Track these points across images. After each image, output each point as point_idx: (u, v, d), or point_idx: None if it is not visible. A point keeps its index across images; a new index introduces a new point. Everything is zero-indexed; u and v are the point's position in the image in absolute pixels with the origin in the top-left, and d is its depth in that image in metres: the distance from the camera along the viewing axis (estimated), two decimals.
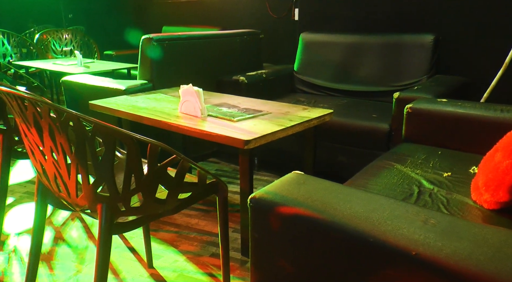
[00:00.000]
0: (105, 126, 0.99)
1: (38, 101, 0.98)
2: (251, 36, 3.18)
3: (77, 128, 1.01)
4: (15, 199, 2.46)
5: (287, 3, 3.78)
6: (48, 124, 1.04)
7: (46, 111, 1.01)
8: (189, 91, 1.92)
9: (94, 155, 1.04)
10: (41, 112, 1.03)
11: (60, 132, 1.03)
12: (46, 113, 1.02)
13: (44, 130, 1.06)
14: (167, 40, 2.54)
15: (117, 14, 5.56)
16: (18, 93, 0.99)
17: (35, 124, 1.08)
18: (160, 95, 2.34)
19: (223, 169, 2.88)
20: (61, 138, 1.04)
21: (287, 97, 3.07)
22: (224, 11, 4.37)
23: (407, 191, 1.42)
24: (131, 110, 2.03)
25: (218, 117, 1.89)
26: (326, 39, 3.16)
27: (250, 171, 1.73)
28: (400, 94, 2.23)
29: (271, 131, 1.68)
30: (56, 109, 0.98)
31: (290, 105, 2.13)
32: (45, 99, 1.23)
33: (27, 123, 1.10)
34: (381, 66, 2.89)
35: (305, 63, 3.24)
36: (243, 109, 2.02)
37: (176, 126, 1.80)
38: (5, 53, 4.51)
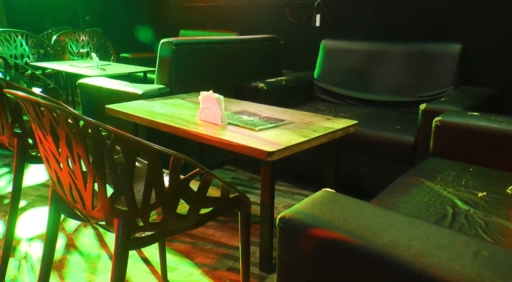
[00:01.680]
0: (126, 136, 0.92)
1: (56, 108, 0.91)
2: (272, 42, 3.11)
3: (95, 138, 0.94)
4: (28, 202, 2.42)
5: (308, 9, 3.71)
6: (65, 133, 0.98)
7: (63, 119, 0.94)
8: (209, 98, 1.85)
9: (113, 166, 0.97)
10: (58, 119, 0.97)
11: (78, 141, 0.96)
12: (63, 121, 0.95)
13: (60, 139, 1.00)
14: (186, 44, 2.48)
15: (134, 16, 5.54)
16: (36, 100, 0.93)
17: (52, 131, 1.01)
18: (178, 101, 2.28)
19: (240, 177, 2.80)
20: (79, 147, 0.98)
21: (307, 105, 2.99)
22: (243, 16, 4.32)
23: (441, 211, 1.33)
24: (148, 116, 1.97)
25: (239, 126, 1.81)
26: (347, 46, 3.08)
27: (272, 183, 1.66)
28: (427, 105, 2.14)
29: (295, 142, 1.60)
30: (74, 117, 0.92)
31: (313, 115, 2.05)
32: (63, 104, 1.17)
33: (43, 130, 1.04)
34: (405, 76, 2.80)
35: (325, 70, 3.16)
36: (264, 117, 1.95)
37: (195, 134, 1.73)
38: (22, 53, 4.51)
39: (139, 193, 1.43)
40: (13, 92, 0.99)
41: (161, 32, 5.23)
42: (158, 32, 5.28)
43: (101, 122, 0.93)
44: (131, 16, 5.61)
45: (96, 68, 3.59)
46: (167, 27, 5.17)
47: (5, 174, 2.82)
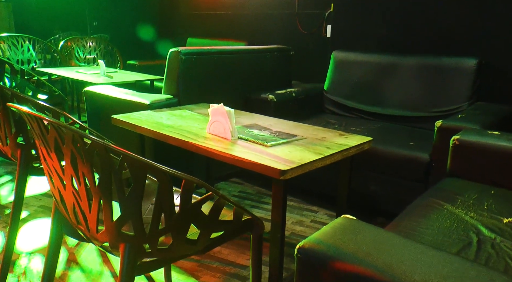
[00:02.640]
0: (135, 158, 0.86)
1: (61, 126, 0.85)
2: (282, 52, 3.06)
3: (103, 159, 0.88)
4: (30, 213, 2.35)
5: (318, 19, 3.66)
6: (70, 151, 0.91)
7: (69, 137, 0.88)
8: (219, 111, 1.79)
9: (121, 189, 0.91)
10: (63, 137, 0.90)
11: (84, 161, 0.90)
12: (69, 139, 0.89)
13: (65, 157, 0.94)
14: (195, 54, 2.42)
15: (142, 23, 5.51)
16: (40, 116, 0.87)
17: (56, 148, 0.95)
18: (186, 112, 2.22)
19: (247, 191, 2.73)
20: (84, 168, 0.91)
21: (316, 118, 2.92)
22: (251, 25, 4.27)
23: (464, 238, 1.25)
24: (155, 127, 1.91)
25: (250, 141, 1.75)
26: (359, 58, 3.02)
27: (283, 202, 1.58)
28: (443, 122, 2.07)
29: (309, 160, 1.54)
30: (81, 137, 0.85)
31: (325, 130, 1.98)
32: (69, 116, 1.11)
33: (47, 147, 0.98)
34: (418, 90, 2.73)
35: (336, 82, 3.10)
36: (275, 132, 1.88)
37: (205, 149, 1.66)
38: (29, 59, 4.48)
39: (146, 211, 1.37)
40: (16, 107, 0.92)
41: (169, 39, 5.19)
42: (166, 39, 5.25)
43: (107, 131, 0.87)
44: (139, 23, 5.58)
45: (102, 76, 3.54)
46: (175, 35, 5.13)
47: (8, 182, 2.76)
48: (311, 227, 2.30)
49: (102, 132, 2.83)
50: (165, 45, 5.23)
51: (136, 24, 5.62)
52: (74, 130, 0.84)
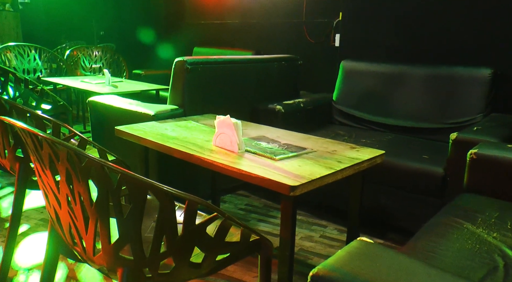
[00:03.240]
0: (134, 177, 0.79)
1: (55, 142, 0.78)
2: (290, 62, 2.99)
3: (100, 178, 0.81)
4: (30, 227, 2.29)
5: (326, 28, 3.60)
6: (65, 169, 0.84)
7: (64, 155, 0.81)
8: (226, 123, 1.72)
9: (119, 210, 0.84)
10: (58, 154, 0.84)
11: (80, 180, 0.83)
12: (64, 157, 0.82)
13: (60, 175, 0.87)
14: (201, 64, 2.37)
15: (148, 33, 5.49)
16: (33, 131, 0.80)
17: (51, 166, 0.88)
18: (192, 123, 2.16)
19: (253, 203, 2.66)
20: (80, 187, 0.84)
21: (325, 129, 2.85)
22: (258, 34, 4.23)
23: (489, 262, 1.17)
24: (160, 140, 1.84)
25: (257, 154, 1.68)
26: (369, 68, 2.95)
27: (293, 219, 1.50)
28: (458, 135, 1.98)
29: (319, 175, 1.46)
30: (76, 154, 0.79)
31: (336, 143, 1.91)
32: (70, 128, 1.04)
33: (41, 163, 0.91)
34: (430, 101, 2.65)
35: (345, 93, 3.03)
36: (283, 145, 1.81)
37: (211, 162, 1.59)
38: (35, 68, 4.46)
39: (148, 229, 1.30)
40: (9, 121, 0.86)
41: (174, 49, 5.16)
42: (171, 49, 5.21)
43: (111, 142, 0.81)
44: (145, 33, 5.56)
45: (107, 85, 3.50)
46: (181, 45, 5.10)
47: (9, 194, 2.70)
48: (320, 242, 2.21)
49: (106, 143, 2.78)
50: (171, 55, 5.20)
51: (142, 33, 5.60)
52: (69, 147, 0.77)
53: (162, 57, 5.27)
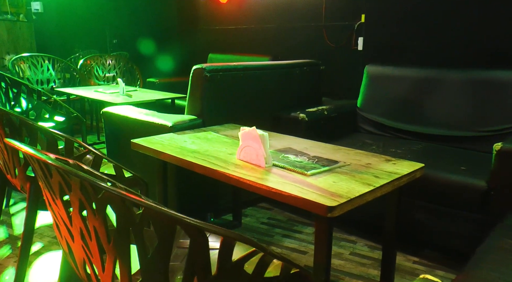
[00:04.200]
0: (161, 212, 0.65)
1: (67, 172, 0.65)
2: (311, 67, 2.86)
3: (119, 212, 0.68)
4: (43, 245, 2.18)
5: (347, 31, 3.46)
6: (78, 200, 0.71)
7: (76, 184, 0.68)
8: (251, 135, 1.59)
9: (142, 248, 0.70)
10: (70, 183, 0.71)
11: (95, 214, 0.70)
12: (76, 186, 0.69)
13: (73, 207, 0.74)
14: (220, 71, 2.24)
15: (161, 40, 5.41)
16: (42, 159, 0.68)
17: (62, 196, 0.75)
18: (212, 135, 2.03)
19: (277, 217, 2.51)
20: (96, 221, 0.71)
21: (350, 137, 2.70)
22: (275, 39, 4.10)
23: None
24: (179, 153, 1.71)
25: (286, 168, 1.54)
26: (395, 73, 2.80)
27: (328, 242, 1.36)
28: (503, 145, 1.82)
29: (358, 193, 1.31)
30: (91, 185, 0.66)
31: (368, 155, 1.76)
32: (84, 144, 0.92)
33: (51, 192, 0.78)
34: (464, 107, 2.48)
35: (370, 99, 2.87)
36: (313, 158, 1.67)
37: (237, 179, 1.46)
38: (49, 78, 4.39)
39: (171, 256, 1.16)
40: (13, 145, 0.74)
41: (189, 56, 5.06)
42: (185, 56, 5.12)
43: (126, 155, 0.67)
44: (158, 40, 5.48)
45: (121, 95, 3.39)
46: (195, 51, 4.99)
47: (22, 211, 2.60)
48: (350, 260, 2.06)
49: (121, 155, 2.67)
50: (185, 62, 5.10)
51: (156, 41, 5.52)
52: (83, 177, 0.64)
53: (176, 65, 5.18)
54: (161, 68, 5.27)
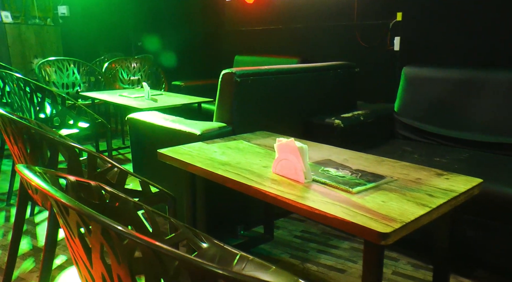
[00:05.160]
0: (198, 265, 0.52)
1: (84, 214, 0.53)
2: (345, 69, 2.70)
3: (149, 264, 0.54)
4: (67, 258, 2.09)
5: (381, 30, 3.27)
6: (100, 245, 0.59)
7: (97, 230, 0.56)
8: (289, 147, 1.45)
9: None
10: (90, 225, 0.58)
11: (120, 262, 0.57)
12: (97, 229, 0.57)
13: (93, 251, 0.61)
14: (251, 75, 2.11)
15: (186, 42, 5.32)
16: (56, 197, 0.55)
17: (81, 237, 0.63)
18: (243, 144, 1.90)
19: (310, 230, 2.36)
20: (121, 270, 0.58)
21: (388, 145, 2.53)
22: (304, 39, 3.94)
23: None
24: (210, 166, 1.59)
25: (328, 185, 1.39)
26: (436, 74, 2.61)
27: (379, 272, 1.21)
28: None
29: (413, 216, 1.16)
30: (115, 231, 0.53)
31: (417, 168, 1.59)
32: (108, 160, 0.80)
33: (69, 230, 0.66)
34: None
35: (408, 103, 2.69)
36: (356, 171, 1.52)
37: (274, 197, 1.32)
38: (74, 82, 4.36)
39: None
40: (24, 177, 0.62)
41: (214, 58, 4.95)
42: (211, 58, 5.01)
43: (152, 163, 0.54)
44: (183, 42, 5.39)
45: (146, 99, 3.30)
46: (221, 53, 4.88)
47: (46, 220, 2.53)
48: (393, 280, 1.89)
49: (146, 163, 2.57)
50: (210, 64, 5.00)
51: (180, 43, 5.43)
52: (104, 223, 0.51)
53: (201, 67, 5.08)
54: (186, 71, 5.18)
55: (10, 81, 2.54)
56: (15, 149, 1.31)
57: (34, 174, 0.70)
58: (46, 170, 0.80)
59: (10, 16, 6.29)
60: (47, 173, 0.80)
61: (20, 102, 2.60)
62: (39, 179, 0.63)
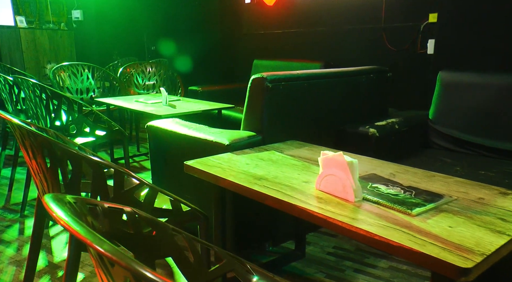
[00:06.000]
0: None
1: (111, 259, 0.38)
2: (378, 74, 2.54)
3: None
4: (84, 276, 1.95)
5: (411, 33, 3.11)
6: None
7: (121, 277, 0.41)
8: (336, 161, 1.30)
9: None
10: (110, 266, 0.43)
11: None
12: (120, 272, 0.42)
13: None
14: (283, 81, 1.96)
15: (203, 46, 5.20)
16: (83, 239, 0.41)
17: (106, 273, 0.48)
18: (276, 155, 1.75)
19: (343, 246, 2.20)
20: None
21: (424, 155, 2.36)
22: (327, 43, 3.79)
23: None
24: (244, 181, 1.44)
25: (381, 204, 1.23)
26: (475, 79, 2.44)
27: None
28: None
29: (493, 246, 1.00)
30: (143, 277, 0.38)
31: (474, 184, 1.43)
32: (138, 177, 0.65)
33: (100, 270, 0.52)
34: None
35: (445, 110, 2.52)
36: (409, 189, 1.36)
37: (324, 218, 1.17)
38: (88, 87, 4.25)
39: None
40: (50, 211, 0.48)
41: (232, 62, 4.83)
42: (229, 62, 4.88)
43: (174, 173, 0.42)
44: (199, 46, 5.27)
45: (164, 105, 3.17)
46: (239, 57, 4.75)
47: (63, 233, 2.40)
48: None
49: (167, 174, 2.43)
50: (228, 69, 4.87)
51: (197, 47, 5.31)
52: (130, 268, 0.37)
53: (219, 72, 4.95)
54: (202, 76, 5.06)
55: (25, 87, 2.43)
56: (33, 163, 1.18)
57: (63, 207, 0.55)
58: (76, 198, 0.66)
59: (25, 21, 6.23)
60: (78, 202, 0.66)
61: (35, 110, 2.48)
62: (71, 219, 0.49)
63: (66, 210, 0.54)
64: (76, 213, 0.62)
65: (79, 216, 0.62)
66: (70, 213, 0.55)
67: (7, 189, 3.08)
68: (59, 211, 0.53)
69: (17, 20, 6.17)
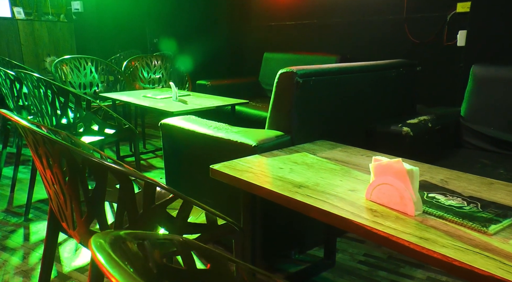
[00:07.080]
0: None
1: None
2: (407, 68, 2.37)
3: None
4: None
5: (437, 24, 2.94)
6: None
7: None
8: (392, 169, 1.13)
9: None
10: None
11: None
12: None
13: None
14: (313, 75, 1.80)
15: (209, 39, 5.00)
16: None
17: None
18: (309, 157, 1.58)
19: (373, 253, 2.05)
20: None
21: (459, 156, 2.20)
22: (343, 35, 3.62)
23: None
24: (283, 189, 1.28)
25: (448, 219, 1.07)
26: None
27: None
28: None
29: None
30: None
31: None
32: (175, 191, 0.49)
33: None
34: None
35: (479, 107, 2.36)
36: (473, 200, 1.20)
37: (386, 236, 1.01)
38: (92, 82, 4.06)
39: None
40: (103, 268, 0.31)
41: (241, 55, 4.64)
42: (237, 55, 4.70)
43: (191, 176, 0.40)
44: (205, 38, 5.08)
45: (175, 101, 3.00)
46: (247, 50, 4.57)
47: (70, 240, 2.24)
48: None
49: (182, 175, 2.26)
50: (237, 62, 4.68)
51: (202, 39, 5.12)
52: None
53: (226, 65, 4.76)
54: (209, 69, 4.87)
55: (29, 82, 2.25)
56: (48, 173, 1.01)
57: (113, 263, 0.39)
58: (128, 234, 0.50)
59: (23, 12, 6.02)
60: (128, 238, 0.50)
61: (40, 106, 2.30)
62: None
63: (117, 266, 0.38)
64: (127, 258, 0.46)
65: (132, 263, 0.46)
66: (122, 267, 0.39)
67: (9, 190, 2.92)
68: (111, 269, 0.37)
69: (14, 11, 5.95)
